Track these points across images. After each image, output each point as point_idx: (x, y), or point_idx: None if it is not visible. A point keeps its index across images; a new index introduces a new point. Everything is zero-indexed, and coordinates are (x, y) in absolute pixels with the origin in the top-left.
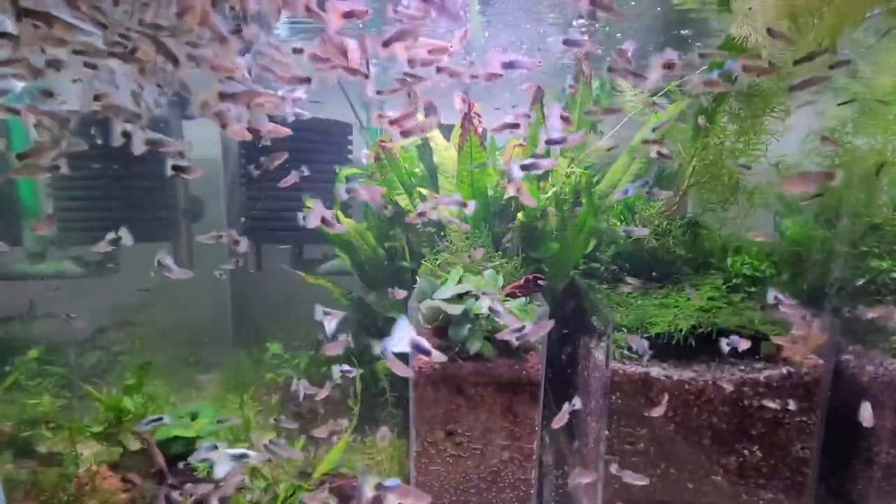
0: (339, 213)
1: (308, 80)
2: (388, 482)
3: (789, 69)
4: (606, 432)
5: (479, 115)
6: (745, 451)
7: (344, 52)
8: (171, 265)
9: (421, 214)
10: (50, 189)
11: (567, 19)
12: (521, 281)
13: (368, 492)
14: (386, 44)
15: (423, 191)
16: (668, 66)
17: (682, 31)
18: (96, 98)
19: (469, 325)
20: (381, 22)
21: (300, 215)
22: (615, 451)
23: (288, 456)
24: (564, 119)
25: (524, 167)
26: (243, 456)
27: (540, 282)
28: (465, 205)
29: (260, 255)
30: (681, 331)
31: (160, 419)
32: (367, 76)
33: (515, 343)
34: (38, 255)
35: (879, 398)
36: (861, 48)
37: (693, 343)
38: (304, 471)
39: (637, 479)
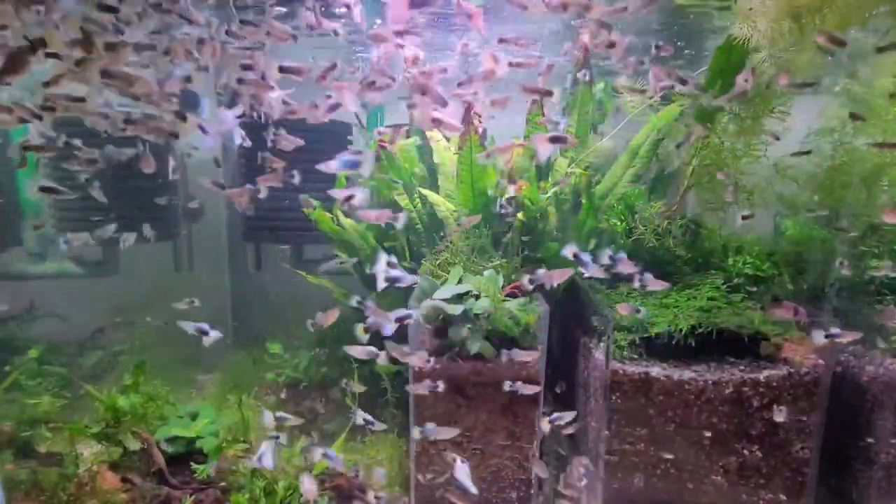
0: (339, 213)
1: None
2: None
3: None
4: (606, 432)
5: (478, 115)
6: (745, 452)
7: None
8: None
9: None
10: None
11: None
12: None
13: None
14: None
15: (424, 191)
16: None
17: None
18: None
19: (469, 325)
20: None
21: None
22: (615, 451)
23: None
24: None
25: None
26: None
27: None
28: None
29: (260, 255)
30: (681, 330)
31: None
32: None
33: None
34: (39, 255)
35: (879, 398)
36: (862, 48)
37: (693, 343)
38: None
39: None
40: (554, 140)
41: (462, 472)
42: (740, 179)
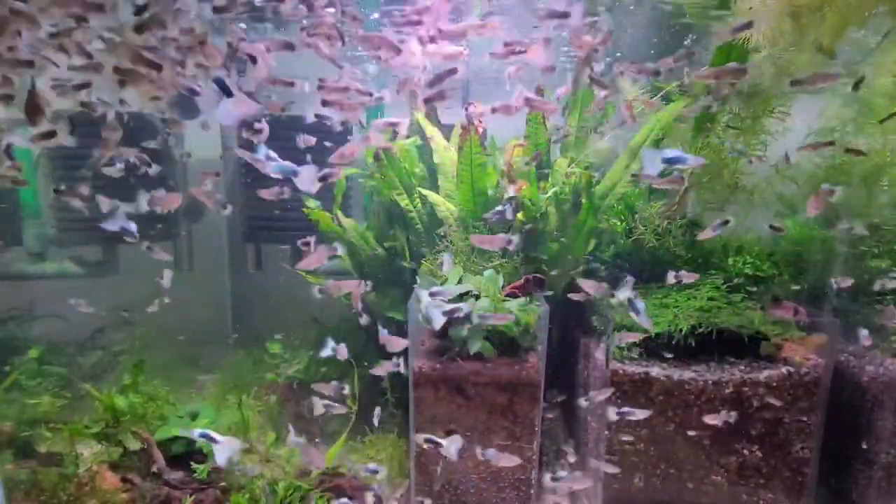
0: (339, 213)
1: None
2: None
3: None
4: (606, 432)
5: (479, 115)
6: (745, 451)
7: None
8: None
9: None
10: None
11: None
12: (521, 281)
13: None
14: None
15: (424, 191)
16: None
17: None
18: None
19: (469, 325)
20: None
21: None
22: (615, 451)
23: None
24: None
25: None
26: None
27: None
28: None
29: (260, 255)
30: (681, 330)
31: None
32: None
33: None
34: (38, 254)
35: (879, 398)
36: (862, 48)
37: (693, 343)
38: (304, 470)
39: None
40: (669, 161)
41: (453, 444)
42: (740, 179)
